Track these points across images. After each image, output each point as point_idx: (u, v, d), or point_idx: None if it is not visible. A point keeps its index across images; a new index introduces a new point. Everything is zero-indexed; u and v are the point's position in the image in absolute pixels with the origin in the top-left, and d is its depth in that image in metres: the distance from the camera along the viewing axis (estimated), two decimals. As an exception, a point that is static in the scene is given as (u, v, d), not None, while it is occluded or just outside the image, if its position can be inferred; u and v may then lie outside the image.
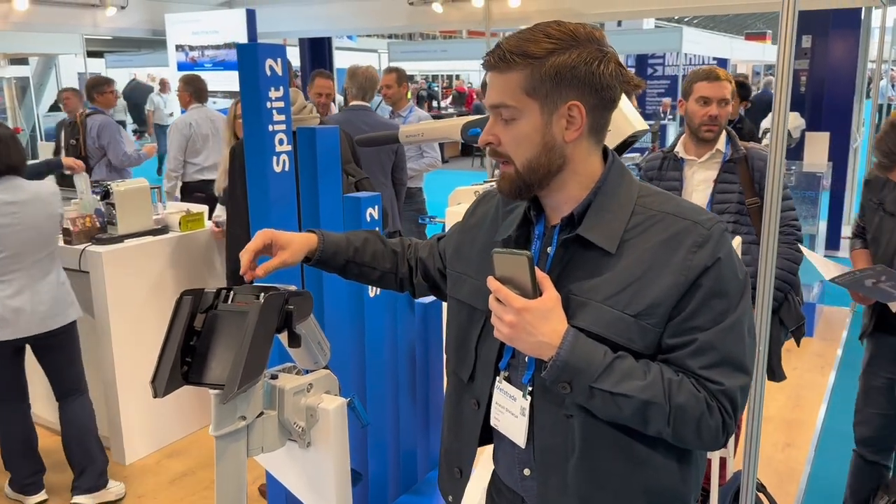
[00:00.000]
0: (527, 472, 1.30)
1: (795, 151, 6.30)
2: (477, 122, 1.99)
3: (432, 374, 2.68)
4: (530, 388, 1.24)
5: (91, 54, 11.47)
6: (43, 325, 2.95)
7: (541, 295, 1.14)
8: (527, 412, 1.24)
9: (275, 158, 1.92)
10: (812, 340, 5.03)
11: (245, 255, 1.42)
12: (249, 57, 1.84)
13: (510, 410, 1.27)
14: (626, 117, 1.93)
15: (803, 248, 2.58)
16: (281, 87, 1.90)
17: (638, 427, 1.17)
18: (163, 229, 3.80)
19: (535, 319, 1.12)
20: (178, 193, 5.58)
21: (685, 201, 1.26)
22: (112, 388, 3.49)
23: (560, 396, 1.19)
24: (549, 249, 1.25)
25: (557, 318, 1.14)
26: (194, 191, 5.48)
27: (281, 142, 1.92)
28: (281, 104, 1.90)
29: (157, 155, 10.59)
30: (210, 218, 4.04)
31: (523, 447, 1.26)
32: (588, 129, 1.18)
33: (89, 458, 3.15)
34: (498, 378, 1.30)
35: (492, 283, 1.16)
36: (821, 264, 2.53)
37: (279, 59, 1.89)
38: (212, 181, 5.33)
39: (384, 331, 2.41)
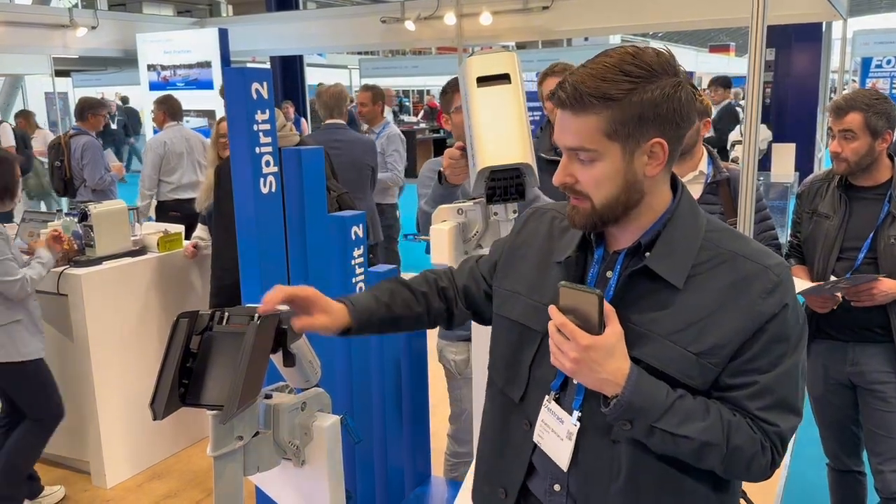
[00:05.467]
0: (557, 487, 1.29)
1: (763, 163, 6.45)
2: None
3: (418, 389, 2.70)
4: (579, 415, 1.22)
5: (58, 73, 11.37)
6: None
7: (604, 329, 1.12)
8: (573, 438, 1.22)
9: (262, 180, 1.95)
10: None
11: (277, 294, 1.33)
12: (236, 81, 1.87)
13: (556, 432, 1.25)
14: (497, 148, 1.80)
15: None
16: (267, 111, 1.93)
17: (691, 462, 1.18)
18: (141, 250, 3.78)
19: (599, 357, 1.11)
20: (152, 213, 5.56)
21: (754, 241, 1.25)
22: (92, 410, 3.46)
23: (608, 422, 1.18)
24: (608, 274, 1.23)
25: (621, 355, 1.13)
26: (169, 210, 5.46)
27: (267, 163, 1.95)
28: (267, 126, 1.93)
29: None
30: (188, 238, 4.04)
31: (565, 470, 1.24)
32: (667, 161, 1.17)
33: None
34: (547, 398, 1.27)
35: (555, 313, 1.14)
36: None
37: (265, 83, 1.92)
38: (187, 200, 5.33)
39: (370, 346, 2.43)
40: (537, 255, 1.35)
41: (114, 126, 15.03)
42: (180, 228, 4.05)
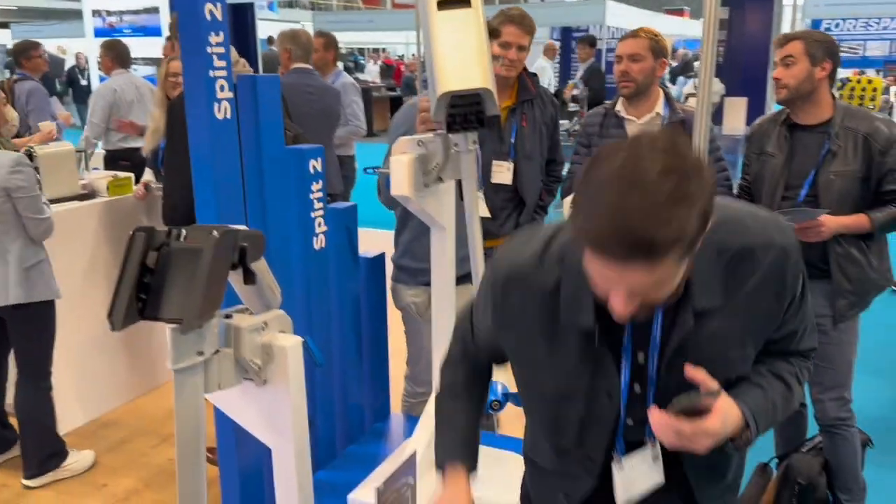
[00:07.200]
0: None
1: (715, 116, 6.55)
2: None
3: (376, 326, 2.71)
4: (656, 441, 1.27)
5: (-3, 24, 10.89)
6: None
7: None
8: (660, 457, 1.29)
9: (216, 104, 1.90)
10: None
11: None
12: (189, 1, 1.82)
13: (641, 474, 1.30)
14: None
15: None
16: (221, 33, 1.88)
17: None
18: (90, 194, 3.69)
19: (724, 427, 1.19)
20: (99, 163, 5.40)
21: (750, 217, 1.23)
22: (42, 357, 3.39)
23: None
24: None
25: (730, 406, 1.20)
26: (119, 159, 5.31)
27: (222, 88, 1.90)
28: (221, 50, 1.88)
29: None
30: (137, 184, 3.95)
31: (664, 482, 1.31)
32: None
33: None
34: (617, 466, 1.31)
35: (678, 424, 1.16)
36: None
37: (219, 4, 1.87)
38: (137, 149, 5.19)
39: (329, 282, 2.43)
40: (538, 329, 1.26)
41: (84, 82, 14.22)
42: (130, 175, 3.96)
